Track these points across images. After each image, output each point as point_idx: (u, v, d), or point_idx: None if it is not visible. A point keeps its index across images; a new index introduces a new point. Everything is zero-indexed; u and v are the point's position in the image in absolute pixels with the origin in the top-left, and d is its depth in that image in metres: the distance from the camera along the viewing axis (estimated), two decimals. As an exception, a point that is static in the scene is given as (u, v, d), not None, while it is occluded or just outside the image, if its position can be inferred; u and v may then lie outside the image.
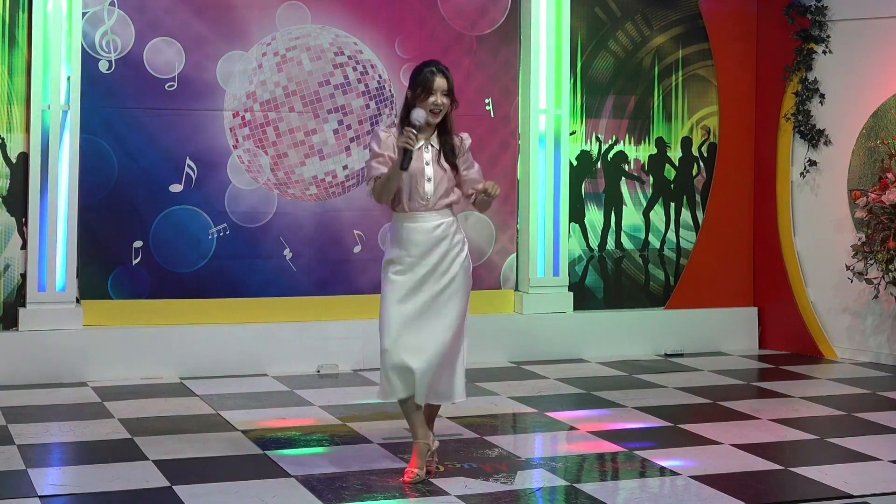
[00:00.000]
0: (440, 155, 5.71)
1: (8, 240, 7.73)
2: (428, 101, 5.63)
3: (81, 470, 5.88)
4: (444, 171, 5.70)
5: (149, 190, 7.99)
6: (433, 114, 5.64)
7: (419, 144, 5.63)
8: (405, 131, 5.51)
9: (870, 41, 8.94)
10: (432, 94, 5.63)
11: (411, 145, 5.50)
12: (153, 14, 7.95)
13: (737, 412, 7.23)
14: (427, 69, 5.68)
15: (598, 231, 9.12)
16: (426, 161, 5.67)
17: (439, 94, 5.64)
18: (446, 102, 5.67)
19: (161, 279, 8.02)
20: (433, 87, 5.62)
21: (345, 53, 8.39)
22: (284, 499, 5.37)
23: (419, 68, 5.72)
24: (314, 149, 8.31)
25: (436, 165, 5.68)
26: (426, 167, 5.66)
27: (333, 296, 8.40)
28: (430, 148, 5.71)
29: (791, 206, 9.33)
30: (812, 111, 9.21)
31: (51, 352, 7.72)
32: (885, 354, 8.86)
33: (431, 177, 5.67)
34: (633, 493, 5.66)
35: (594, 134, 9.08)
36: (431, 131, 5.72)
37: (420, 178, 5.65)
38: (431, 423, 5.84)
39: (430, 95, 5.63)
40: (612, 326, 9.09)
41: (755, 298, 9.57)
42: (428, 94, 5.63)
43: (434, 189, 5.66)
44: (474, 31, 8.72)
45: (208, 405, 7.19)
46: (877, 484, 5.75)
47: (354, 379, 8.08)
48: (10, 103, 7.70)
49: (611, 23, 9.11)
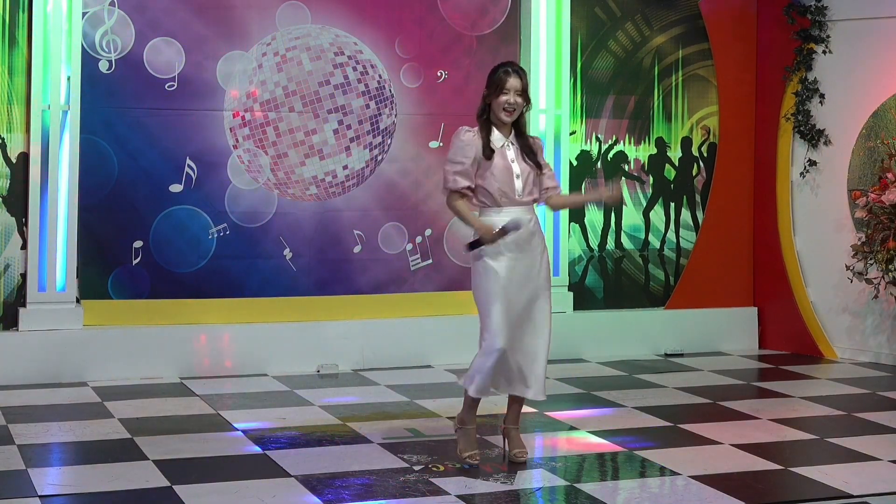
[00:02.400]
0: (522, 153, 5.93)
1: (8, 240, 7.74)
2: (501, 99, 5.85)
3: (81, 470, 5.88)
4: (530, 168, 5.93)
5: (149, 190, 7.99)
6: (506, 112, 5.86)
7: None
8: (495, 234, 5.76)
9: (870, 41, 8.94)
10: (506, 93, 5.84)
11: (488, 242, 5.77)
12: (153, 14, 7.95)
13: (737, 412, 7.24)
14: (502, 69, 5.92)
15: (598, 231, 9.13)
16: (510, 158, 5.89)
17: (513, 94, 5.86)
18: (520, 101, 5.90)
19: (161, 279, 8.02)
20: (506, 86, 5.85)
21: (345, 53, 8.39)
22: (284, 499, 5.37)
23: (495, 69, 5.97)
24: (314, 149, 8.31)
25: (521, 163, 5.91)
26: (512, 164, 5.88)
27: (333, 296, 8.40)
28: (512, 146, 5.92)
29: (791, 205, 9.33)
30: (812, 111, 9.21)
31: (51, 352, 7.72)
32: (885, 354, 8.86)
33: (520, 173, 5.89)
34: (633, 493, 5.66)
35: (594, 134, 9.08)
36: (509, 130, 5.93)
37: (509, 175, 5.86)
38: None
39: (503, 94, 5.84)
40: (612, 326, 9.09)
41: (755, 298, 9.57)
42: (501, 92, 5.84)
43: (523, 185, 5.89)
44: (474, 31, 8.73)
45: (208, 405, 7.19)
46: (877, 484, 5.75)
47: (354, 379, 8.08)
48: (10, 103, 7.70)
49: (611, 23, 9.11)
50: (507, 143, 5.91)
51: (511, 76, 5.85)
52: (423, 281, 8.62)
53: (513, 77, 5.85)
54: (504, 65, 5.95)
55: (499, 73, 5.89)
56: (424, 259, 8.63)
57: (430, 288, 8.61)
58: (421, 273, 8.63)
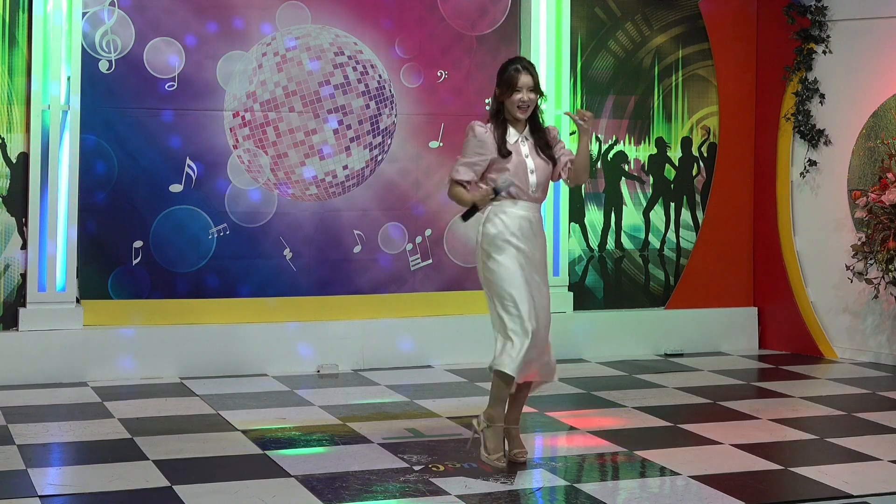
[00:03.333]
0: (536, 148, 5.90)
1: (8, 240, 7.74)
2: (514, 97, 5.82)
3: (81, 470, 5.88)
4: (545, 163, 5.91)
5: (149, 190, 7.99)
6: (520, 110, 5.84)
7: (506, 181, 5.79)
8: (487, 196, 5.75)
9: (870, 41, 8.94)
10: (518, 92, 5.82)
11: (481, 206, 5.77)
12: (153, 14, 7.95)
13: (737, 412, 7.23)
14: (512, 67, 5.88)
15: (598, 231, 9.13)
16: (525, 154, 5.86)
17: (525, 91, 5.83)
18: (533, 98, 5.86)
19: (161, 279, 8.02)
20: (518, 84, 5.82)
21: (345, 53, 8.39)
22: (284, 499, 5.37)
23: (504, 66, 5.92)
24: (314, 149, 8.31)
25: (536, 158, 5.88)
26: (527, 160, 5.86)
27: (333, 296, 8.40)
28: (526, 141, 5.90)
29: (791, 206, 9.33)
30: (812, 111, 9.21)
31: (51, 352, 7.72)
32: (885, 354, 8.86)
33: (534, 168, 5.87)
34: (633, 493, 5.66)
35: (594, 134, 9.08)
36: (523, 126, 5.91)
37: (524, 171, 5.84)
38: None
39: (516, 93, 5.81)
40: (612, 326, 9.09)
41: (755, 298, 9.57)
42: (513, 91, 5.81)
43: (538, 181, 5.88)
44: (474, 31, 8.73)
45: (208, 405, 7.19)
46: (877, 484, 5.74)
47: (354, 379, 8.08)
48: (10, 103, 7.70)
49: (611, 23, 9.11)
50: (522, 139, 5.89)
51: (522, 73, 5.82)
52: (423, 281, 8.62)
53: (524, 74, 5.82)
54: (513, 62, 5.92)
55: (509, 72, 5.85)
56: (424, 259, 8.63)
57: (430, 288, 8.61)
58: (421, 273, 8.63)
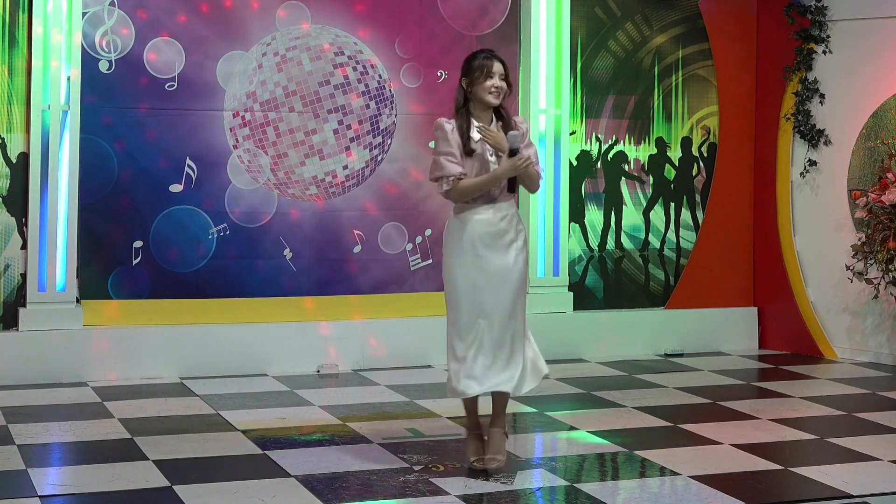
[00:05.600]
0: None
1: (8, 240, 7.74)
2: (486, 84, 5.73)
3: (81, 470, 5.88)
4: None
5: (149, 190, 7.99)
6: (492, 95, 5.74)
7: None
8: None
9: (870, 41, 8.94)
10: (491, 77, 5.73)
11: (502, 149, 5.67)
12: (153, 14, 7.95)
13: (737, 412, 7.23)
14: (482, 54, 5.81)
15: (598, 231, 9.12)
16: (490, 152, 5.76)
17: (497, 77, 5.74)
18: (504, 86, 5.77)
19: (161, 279, 8.02)
20: (492, 70, 5.73)
21: (345, 53, 8.39)
22: (284, 499, 5.37)
23: (473, 55, 5.84)
24: (314, 149, 8.31)
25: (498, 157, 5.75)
26: (490, 159, 5.74)
27: (333, 296, 8.40)
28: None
29: (791, 206, 9.33)
30: (812, 111, 9.21)
31: (51, 352, 7.72)
32: (885, 354, 8.86)
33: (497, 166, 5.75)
34: (633, 493, 5.66)
35: (594, 134, 9.08)
36: (489, 119, 5.81)
37: (485, 169, 5.73)
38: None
39: (489, 78, 5.73)
40: (612, 326, 9.09)
41: (755, 298, 9.57)
42: (487, 77, 5.73)
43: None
44: (474, 31, 8.72)
45: (208, 405, 7.19)
46: (877, 484, 5.75)
47: (354, 379, 8.08)
48: (10, 103, 7.70)
49: (611, 23, 9.11)
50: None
51: (494, 61, 5.74)
52: (423, 281, 8.62)
53: (496, 62, 5.75)
54: (482, 51, 5.85)
55: (480, 59, 5.75)
56: (424, 259, 8.63)
57: (430, 288, 8.61)
58: (421, 273, 8.63)
